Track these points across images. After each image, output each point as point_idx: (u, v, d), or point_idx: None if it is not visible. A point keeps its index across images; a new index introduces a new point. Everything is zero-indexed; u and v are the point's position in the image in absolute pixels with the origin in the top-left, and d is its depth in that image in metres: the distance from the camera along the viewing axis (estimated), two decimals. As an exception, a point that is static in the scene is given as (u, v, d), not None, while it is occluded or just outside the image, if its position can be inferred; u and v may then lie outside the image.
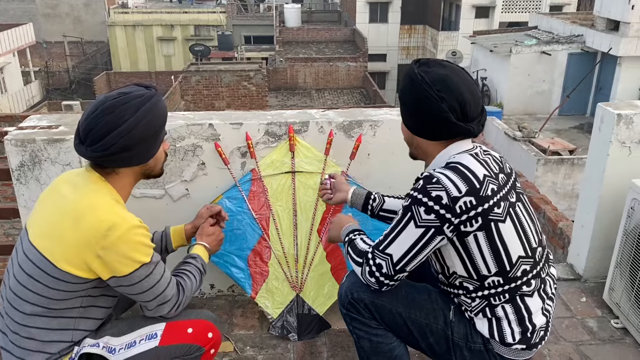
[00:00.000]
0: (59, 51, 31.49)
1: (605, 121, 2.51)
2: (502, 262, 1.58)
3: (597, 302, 2.59)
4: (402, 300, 1.73)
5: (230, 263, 2.38)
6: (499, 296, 1.61)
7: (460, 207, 1.51)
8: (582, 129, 15.14)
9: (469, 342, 1.67)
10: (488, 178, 1.57)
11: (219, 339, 1.76)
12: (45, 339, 1.56)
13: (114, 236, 1.50)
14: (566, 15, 19.63)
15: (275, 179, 2.37)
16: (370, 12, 28.10)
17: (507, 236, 1.57)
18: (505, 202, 1.58)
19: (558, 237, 5.38)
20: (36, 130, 2.25)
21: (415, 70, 1.61)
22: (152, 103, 1.60)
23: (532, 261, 1.63)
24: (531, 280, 1.63)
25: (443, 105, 1.56)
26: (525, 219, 1.63)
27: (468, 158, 1.60)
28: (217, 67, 20.45)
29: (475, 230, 1.54)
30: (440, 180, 1.54)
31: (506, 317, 1.62)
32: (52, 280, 1.52)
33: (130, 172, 1.65)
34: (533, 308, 1.63)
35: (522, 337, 1.62)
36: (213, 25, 31.64)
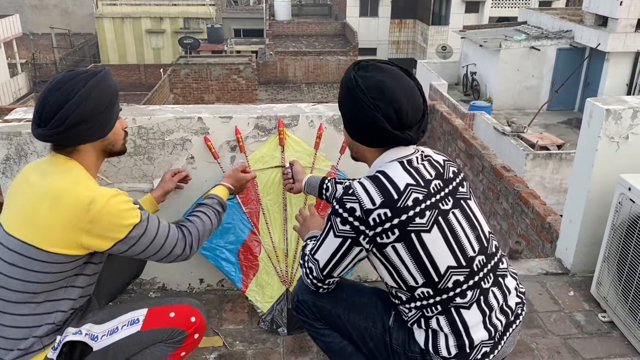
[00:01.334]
0: (46, 43, 31.16)
1: (594, 116, 2.52)
2: (428, 272, 1.51)
3: (585, 296, 2.61)
4: (342, 302, 1.73)
5: (221, 257, 2.37)
6: (431, 307, 1.55)
7: (374, 219, 1.48)
8: (571, 124, 15.27)
9: (407, 350, 1.62)
10: (412, 187, 1.51)
11: (202, 324, 1.77)
12: (32, 324, 1.57)
13: (96, 209, 1.53)
14: (555, 11, 19.74)
15: (265, 173, 2.36)
16: (361, 6, 28.05)
17: (433, 246, 1.50)
18: (433, 211, 1.51)
19: (546, 231, 5.42)
20: (22, 123, 2.22)
21: (352, 75, 1.56)
22: (100, 77, 1.61)
23: (467, 271, 1.54)
24: (466, 291, 1.54)
25: (377, 114, 1.51)
26: (462, 227, 1.56)
27: (394, 167, 1.54)
28: (206, 60, 20.35)
29: (392, 242, 1.49)
30: (355, 191, 1.51)
31: (441, 330, 1.55)
32: (39, 264, 1.53)
33: (91, 149, 1.65)
34: (470, 321, 1.55)
35: (459, 351, 1.54)
36: (202, 18, 31.42)
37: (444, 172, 1.60)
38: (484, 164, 6.92)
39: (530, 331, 2.37)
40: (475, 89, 17.63)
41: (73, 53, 31.62)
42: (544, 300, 2.58)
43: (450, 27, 25.18)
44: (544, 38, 16.49)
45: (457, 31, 20.57)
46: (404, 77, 1.57)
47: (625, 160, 2.50)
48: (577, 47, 16.18)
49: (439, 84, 15.61)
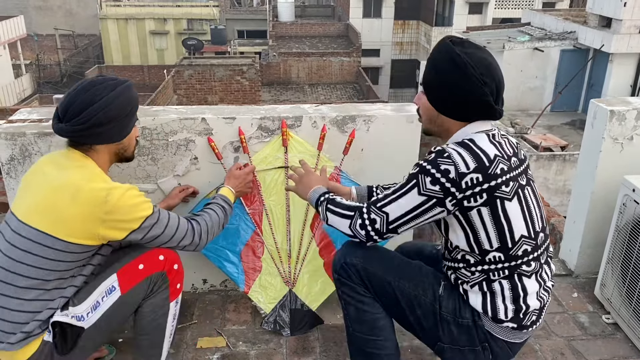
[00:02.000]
0: (51, 44, 31.25)
1: (597, 117, 2.52)
2: (504, 238, 1.61)
3: (589, 297, 2.60)
4: (393, 269, 1.77)
5: (224, 258, 2.37)
6: (499, 272, 1.64)
7: (466, 182, 1.56)
8: (574, 125, 15.23)
9: (457, 317, 1.69)
10: (499, 157, 1.60)
11: (171, 255, 1.86)
12: (37, 309, 1.65)
13: (113, 200, 1.65)
14: (559, 12, 19.70)
15: (268, 174, 2.36)
16: (364, 7, 28.04)
17: (512, 214, 1.60)
18: (515, 183, 1.61)
19: (550, 233, 5.41)
20: (26, 124, 2.22)
21: (456, 50, 1.61)
22: (125, 86, 1.76)
23: (534, 243, 1.65)
24: (531, 261, 1.65)
25: (485, 88, 1.60)
26: (532, 203, 1.66)
27: (483, 137, 1.64)
28: (210, 61, 20.38)
29: (479, 205, 1.57)
30: (452, 155, 1.58)
31: (502, 293, 1.64)
32: (54, 252, 1.64)
33: (106, 150, 1.78)
34: (530, 289, 1.65)
35: (515, 315, 1.64)
36: (206, 19, 31.46)
37: (517, 152, 1.70)
38: (488, 165, 6.91)
39: (534, 332, 2.36)
40: (479, 90, 17.61)
41: (77, 54, 31.70)
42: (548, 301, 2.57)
43: (453, 28, 25.13)
44: (547, 39, 16.45)
45: (461, 32, 20.53)
46: (494, 57, 1.69)
47: (629, 161, 2.49)
48: (581, 48, 16.14)
49: (443, 85, 15.58)
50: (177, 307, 1.94)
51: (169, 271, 1.85)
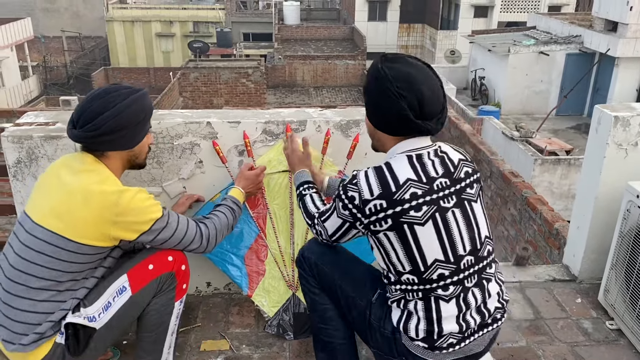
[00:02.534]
0: (57, 46, 31.41)
1: (602, 123, 2.52)
2: (415, 262, 1.60)
3: (592, 303, 2.60)
4: (339, 269, 1.88)
5: (227, 261, 2.38)
6: (413, 293, 1.64)
7: (369, 209, 1.60)
8: (579, 129, 15.20)
9: (381, 327, 1.73)
10: (411, 182, 1.59)
11: (179, 256, 1.91)
12: (49, 310, 1.68)
13: (124, 202, 1.70)
14: (564, 16, 19.66)
15: (272, 177, 2.37)
16: (370, 10, 28.09)
17: (424, 239, 1.59)
18: (431, 207, 1.59)
19: (554, 237, 5.40)
20: (33, 127, 2.24)
21: (379, 65, 1.64)
22: (140, 94, 1.79)
23: (453, 267, 1.61)
24: (449, 285, 1.62)
25: (402, 102, 1.58)
26: (458, 226, 1.62)
27: (401, 160, 1.63)
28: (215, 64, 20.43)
29: (385, 230, 1.60)
30: (359, 182, 1.63)
31: (416, 314, 1.65)
32: (67, 254, 1.68)
33: (118, 157, 1.82)
34: (445, 313, 1.63)
35: (427, 336, 1.64)
36: (212, 22, 31.57)
37: (454, 171, 1.65)
38: (492, 169, 6.90)
39: (537, 338, 2.36)
40: (484, 93, 17.59)
41: (83, 56, 31.85)
42: (551, 307, 2.57)
43: (458, 31, 25.15)
44: (553, 43, 16.44)
45: (466, 36, 20.54)
46: (428, 71, 1.65)
47: (633, 167, 2.49)
48: (587, 52, 16.11)
49: (448, 88, 15.57)
50: (181, 307, 1.98)
51: (177, 272, 1.90)
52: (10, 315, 1.68)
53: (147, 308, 1.87)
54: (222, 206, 2.07)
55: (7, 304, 1.68)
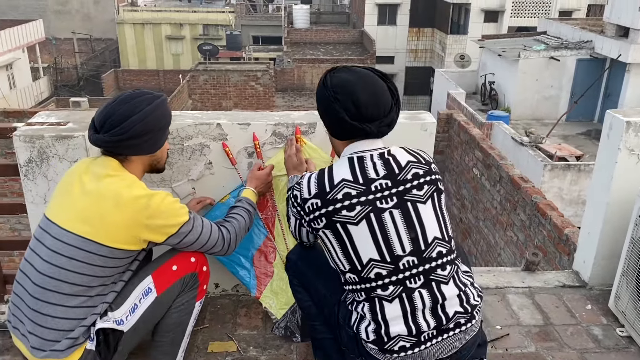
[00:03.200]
0: (68, 48, 31.65)
1: (614, 128, 2.50)
2: (351, 260, 1.66)
3: (603, 310, 2.57)
4: (315, 268, 1.96)
5: (236, 262, 2.38)
6: (358, 293, 1.70)
7: (308, 207, 1.71)
8: (590, 135, 15.09)
9: (346, 326, 1.77)
10: (345, 182, 1.66)
11: (201, 257, 1.96)
12: (81, 315, 1.70)
13: (154, 205, 1.73)
14: (575, 21, 19.57)
15: (281, 179, 2.37)
16: (379, 14, 28.08)
17: (358, 238, 1.64)
18: (366, 207, 1.64)
19: (564, 243, 5.36)
20: (44, 127, 2.25)
21: (325, 75, 1.77)
22: (162, 100, 1.84)
23: (390, 267, 1.64)
24: (388, 285, 1.64)
25: (336, 105, 1.69)
26: (396, 226, 1.64)
27: (342, 162, 1.73)
28: (225, 66, 20.53)
29: (322, 228, 1.69)
30: (301, 182, 1.75)
31: (365, 315, 1.69)
32: (99, 258, 1.70)
33: (140, 161, 1.85)
34: (389, 314, 1.65)
35: (376, 338, 1.66)
36: (222, 25, 31.71)
37: (399, 172, 1.69)
38: (502, 174, 6.86)
39: (547, 344, 2.34)
40: (494, 98, 17.52)
41: (94, 58, 32.07)
42: (561, 313, 2.55)
43: (468, 36, 25.08)
44: (563, 48, 16.34)
45: (476, 40, 20.49)
46: (371, 77, 1.73)
47: (645, 173, 2.46)
48: (598, 57, 16.01)
49: (457, 93, 15.54)
50: (199, 308, 2.01)
51: (200, 272, 1.94)
52: (41, 322, 1.68)
53: (169, 308, 1.90)
54: (238, 208, 2.10)
55: (37, 311, 1.68)
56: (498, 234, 7.25)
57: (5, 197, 8.88)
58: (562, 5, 25.51)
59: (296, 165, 2.19)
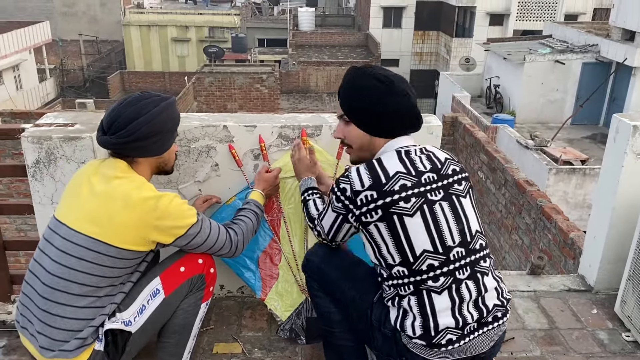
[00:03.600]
0: (74, 49, 31.79)
1: (620, 132, 2.50)
2: (404, 252, 1.64)
3: (609, 314, 2.57)
4: (340, 270, 1.91)
5: (241, 264, 2.39)
6: (405, 287, 1.67)
7: (361, 199, 1.67)
8: (595, 139, 15.04)
9: (382, 326, 1.74)
10: (401, 174, 1.67)
11: (209, 259, 1.95)
12: (90, 316, 1.70)
13: (162, 206, 1.74)
14: (581, 25, 19.52)
15: (287, 181, 2.38)
16: (384, 17, 28.09)
17: (412, 229, 1.64)
18: (420, 199, 1.65)
19: (569, 247, 5.34)
20: (52, 128, 2.27)
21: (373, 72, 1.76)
22: (169, 102, 1.84)
23: (442, 258, 1.64)
24: (439, 276, 1.64)
25: (412, 100, 1.75)
26: (446, 218, 1.67)
27: (391, 155, 1.72)
28: (230, 69, 20.58)
29: (375, 221, 1.66)
30: (350, 174, 1.71)
31: (411, 310, 1.66)
32: (108, 259, 1.71)
33: (147, 163, 1.85)
34: (438, 306, 1.64)
35: (424, 332, 1.63)
36: (227, 27, 31.77)
37: (441, 167, 1.73)
38: (507, 178, 6.85)
39: (552, 348, 2.33)
40: (499, 101, 17.49)
41: (100, 59, 32.20)
42: (566, 317, 2.54)
43: (474, 39, 25.05)
44: (569, 52, 16.31)
45: (481, 44, 20.47)
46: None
47: (652, 177, 2.46)
48: (603, 61, 15.96)
49: (462, 96, 15.52)
50: (205, 310, 2.01)
51: (207, 274, 1.94)
52: (50, 322, 1.69)
53: (176, 310, 1.90)
54: (245, 210, 2.10)
55: (46, 311, 1.69)
56: (503, 238, 7.23)
57: (12, 197, 8.92)
58: (568, 9, 25.45)
59: (309, 167, 2.19)
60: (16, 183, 8.88)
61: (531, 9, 25.79)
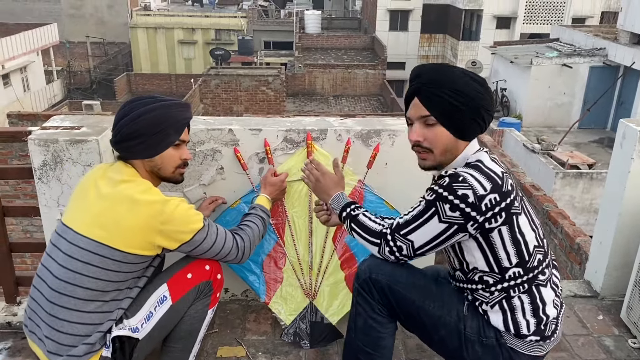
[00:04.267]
0: (82, 51, 31.98)
1: (627, 137, 2.48)
2: (522, 252, 1.63)
3: (615, 320, 2.55)
4: (418, 289, 1.76)
5: (246, 268, 2.39)
6: (518, 287, 1.65)
7: (485, 204, 1.56)
8: (602, 143, 14.98)
9: (481, 336, 1.69)
10: (505, 174, 1.62)
11: (216, 265, 1.94)
12: (97, 321, 1.70)
13: (168, 211, 1.72)
14: (589, 28, 19.46)
15: (292, 185, 2.38)
16: (391, 20, 28.10)
17: (524, 227, 1.63)
18: (518, 196, 1.64)
19: (575, 252, 5.31)
20: (59, 131, 2.28)
21: (466, 71, 1.67)
22: (165, 104, 1.80)
23: (543, 250, 1.68)
24: (545, 269, 1.68)
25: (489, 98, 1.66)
26: (530, 211, 1.70)
27: (484, 156, 1.66)
28: (236, 71, 20.61)
29: (499, 225, 1.59)
30: (467, 179, 1.57)
31: (522, 308, 1.65)
32: (113, 263, 1.70)
33: (140, 165, 1.83)
34: (547, 298, 1.67)
35: (537, 328, 1.65)
36: (234, 30, 31.86)
37: None
38: (512, 182, 6.82)
39: (557, 354, 2.32)
40: (505, 105, 17.45)
41: (107, 61, 32.35)
42: (572, 323, 2.53)
43: (480, 42, 25.02)
44: (576, 55, 16.25)
45: (488, 47, 20.43)
46: None
47: (659, 183, 2.44)
48: (611, 65, 15.90)
49: (468, 99, 15.47)
50: (212, 315, 2.00)
51: (214, 280, 1.93)
52: (57, 327, 1.69)
53: (183, 316, 1.89)
54: (252, 215, 2.09)
55: (54, 315, 1.70)
56: (508, 242, 7.19)
57: (19, 198, 8.97)
58: (576, 12, 25.38)
59: (338, 181, 2.02)
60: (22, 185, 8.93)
61: (538, 12, 25.73)
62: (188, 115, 1.87)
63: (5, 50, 22.18)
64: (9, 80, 23.11)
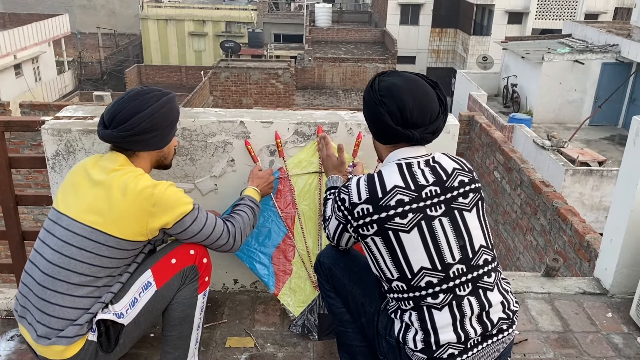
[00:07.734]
0: (93, 42, 32.10)
1: (639, 135, 2.47)
2: (402, 269, 1.63)
3: (624, 318, 2.54)
4: (351, 274, 1.91)
5: (255, 259, 2.40)
6: (405, 302, 1.67)
7: (357, 212, 1.66)
8: (613, 140, 14.85)
9: (387, 335, 1.75)
10: (398, 189, 1.63)
11: (201, 249, 1.94)
12: (87, 305, 1.73)
13: (158, 193, 1.76)
14: (601, 24, 19.25)
15: (302, 178, 2.39)
16: (402, 14, 27.96)
17: (409, 246, 1.62)
18: (417, 214, 1.62)
19: (585, 249, 5.29)
20: (72, 121, 2.30)
21: (373, 79, 1.76)
22: (170, 97, 1.87)
23: (441, 275, 1.62)
24: (439, 293, 1.62)
25: (382, 108, 1.68)
26: (446, 234, 1.63)
27: (391, 168, 1.69)
28: (246, 64, 20.65)
29: (371, 235, 1.65)
30: (350, 185, 1.71)
31: (412, 324, 1.66)
32: (107, 249, 1.73)
33: (147, 157, 1.89)
34: (439, 322, 1.63)
35: (425, 346, 1.64)
36: (244, 22, 31.86)
37: (447, 180, 1.67)
38: (523, 178, 6.80)
39: (565, 351, 2.32)
40: (516, 101, 17.34)
41: (117, 53, 32.47)
42: (581, 320, 2.52)
43: (491, 37, 24.85)
44: (588, 52, 16.09)
45: (499, 42, 20.28)
46: (420, 83, 1.72)
47: (671, 180, 2.43)
48: (624, 62, 15.73)
49: (479, 94, 15.40)
50: (204, 300, 2.00)
51: (199, 264, 1.93)
52: (48, 311, 1.71)
53: (172, 302, 1.90)
54: (241, 205, 2.10)
55: (45, 299, 1.71)
56: (517, 238, 7.18)
57: (30, 188, 9.05)
58: (588, 8, 25.12)
59: (336, 165, 2.18)
60: (34, 174, 9.01)
61: (551, 7, 25.50)
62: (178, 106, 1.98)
63: (17, 40, 22.32)
64: (21, 70, 23.26)
